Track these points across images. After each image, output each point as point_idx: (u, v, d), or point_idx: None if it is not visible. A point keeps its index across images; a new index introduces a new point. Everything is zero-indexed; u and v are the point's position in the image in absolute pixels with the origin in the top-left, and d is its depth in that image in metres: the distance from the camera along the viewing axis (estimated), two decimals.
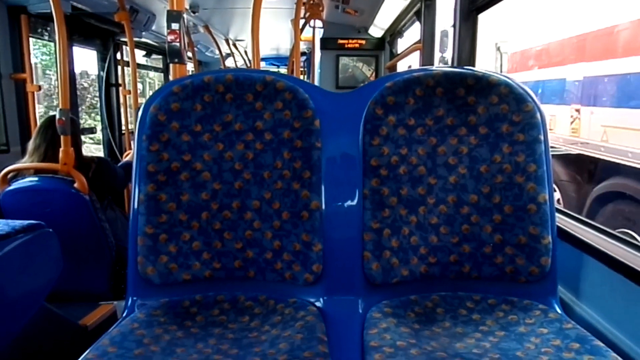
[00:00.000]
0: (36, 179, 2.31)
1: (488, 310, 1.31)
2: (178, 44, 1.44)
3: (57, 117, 2.27)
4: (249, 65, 7.20)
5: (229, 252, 1.38)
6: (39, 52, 5.02)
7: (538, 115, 1.34)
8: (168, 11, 1.44)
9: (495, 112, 1.36)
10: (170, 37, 1.43)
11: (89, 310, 2.36)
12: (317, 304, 1.34)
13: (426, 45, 3.14)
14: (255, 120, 1.39)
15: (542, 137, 1.34)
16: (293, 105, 1.37)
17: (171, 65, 1.50)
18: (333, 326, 1.27)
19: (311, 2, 3.62)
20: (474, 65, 2.32)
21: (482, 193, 1.37)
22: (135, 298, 1.35)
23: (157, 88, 7.03)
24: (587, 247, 1.36)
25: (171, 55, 1.46)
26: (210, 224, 1.38)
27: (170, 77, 1.52)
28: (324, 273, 1.34)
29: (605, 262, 1.28)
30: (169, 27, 1.43)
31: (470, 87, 1.37)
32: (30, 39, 3.10)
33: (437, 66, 2.78)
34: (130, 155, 3.41)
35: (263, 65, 8.87)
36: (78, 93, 4.10)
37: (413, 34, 4.10)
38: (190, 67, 6.36)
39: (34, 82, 3.05)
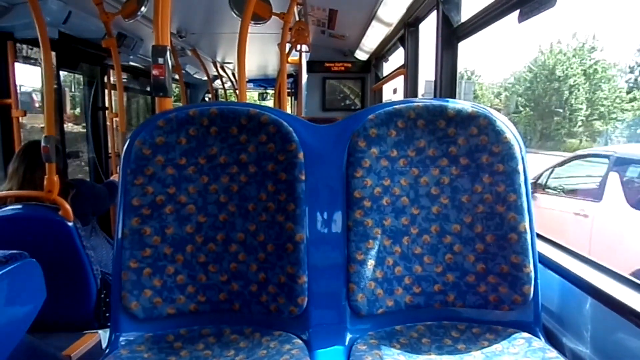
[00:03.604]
0: (19, 206, 2.28)
1: (473, 340, 1.32)
2: (163, 78, 1.45)
3: (42, 144, 2.25)
4: (236, 87, 7.24)
5: (214, 285, 1.38)
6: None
7: (516, 146, 1.38)
8: (153, 46, 1.45)
9: (475, 143, 1.39)
10: (155, 72, 1.44)
11: (73, 340, 2.31)
12: (303, 336, 1.34)
13: (410, 70, 3.20)
14: (240, 153, 1.40)
15: (520, 168, 1.37)
16: (277, 138, 1.39)
17: (156, 99, 1.51)
18: (319, 359, 1.27)
19: (297, 27, 3.67)
20: (454, 92, 2.37)
21: (464, 223, 1.39)
22: (118, 333, 1.34)
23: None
24: (569, 275, 1.38)
25: (156, 88, 1.47)
26: (195, 257, 1.38)
27: (156, 111, 1.53)
28: (309, 305, 1.35)
29: (585, 290, 1.30)
30: (154, 61, 1.44)
31: (450, 118, 1.40)
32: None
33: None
34: (115, 176, 3.40)
35: (251, 86, 8.93)
36: None
37: (398, 57, 4.17)
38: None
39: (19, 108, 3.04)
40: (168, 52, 1.46)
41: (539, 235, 1.51)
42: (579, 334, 1.32)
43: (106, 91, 4.33)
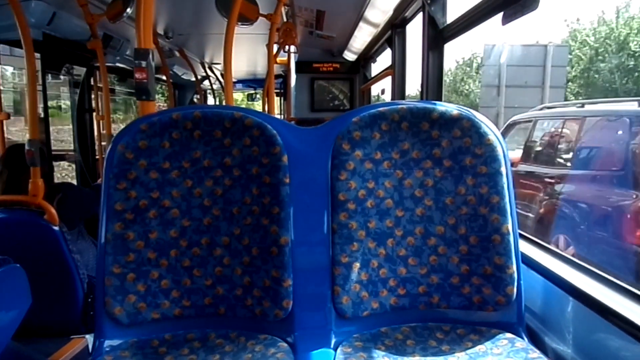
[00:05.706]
0: (3, 211, 2.26)
1: (457, 341, 1.33)
2: (146, 81, 1.44)
3: (26, 147, 2.23)
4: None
5: (199, 289, 1.38)
6: None
7: (499, 148, 1.39)
8: (135, 49, 1.44)
9: (458, 145, 1.40)
10: (137, 75, 1.43)
11: (60, 345, 2.28)
12: (289, 339, 1.34)
13: (397, 71, 3.22)
14: (224, 156, 1.40)
15: (503, 170, 1.38)
16: (261, 141, 1.39)
17: (139, 102, 1.50)
18: None
19: (285, 28, 3.66)
20: (441, 93, 2.38)
21: (448, 224, 1.40)
22: (102, 339, 1.33)
23: None
24: (551, 276, 1.39)
25: (139, 92, 1.46)
26: (179, 261, 1.37)
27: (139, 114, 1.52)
28: (294, 308, 1.35)
29: (567, 291, 1.31)
30: (137, 64, 1.43)
31: (434, 121, 1.41)
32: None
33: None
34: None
35: (239, 87, 8.89)
36: None
37: (385, 58, 4.18)
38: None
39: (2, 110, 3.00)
40: (151, 55, 1.45)
41: (522, 236, 1.53)
42: (561, 334, 1.33)
43: (92, 93, 4.30)
